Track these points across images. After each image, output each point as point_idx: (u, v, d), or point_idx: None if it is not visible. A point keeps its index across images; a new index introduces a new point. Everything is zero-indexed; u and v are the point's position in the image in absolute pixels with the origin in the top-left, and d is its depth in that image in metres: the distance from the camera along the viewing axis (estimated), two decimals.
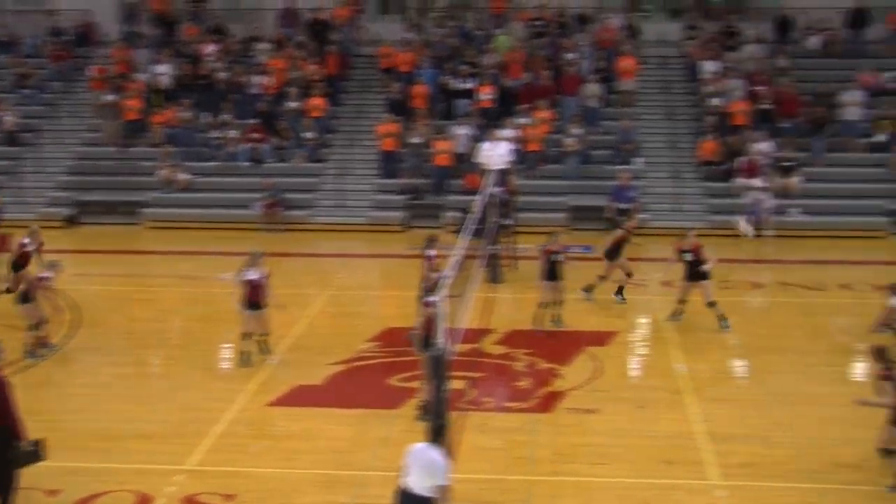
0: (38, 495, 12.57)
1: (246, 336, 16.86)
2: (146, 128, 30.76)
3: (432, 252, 18.48)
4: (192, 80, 31.48)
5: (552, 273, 18.72)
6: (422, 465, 10.23)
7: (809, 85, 30.10)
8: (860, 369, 17.99)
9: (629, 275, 20.77)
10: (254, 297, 16.82)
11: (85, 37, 34.78)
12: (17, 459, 11.54)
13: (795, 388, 16.20)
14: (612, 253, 20.64)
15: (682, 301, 19.35)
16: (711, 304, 18.89)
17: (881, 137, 28.99)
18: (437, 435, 10.38)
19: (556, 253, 18.74)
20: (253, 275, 16.88)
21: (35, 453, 11.73)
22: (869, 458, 13.51)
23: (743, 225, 26.94)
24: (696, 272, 18.99)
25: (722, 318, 18.84)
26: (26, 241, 20.30)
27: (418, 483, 10.19)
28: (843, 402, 15.56)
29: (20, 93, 32.73)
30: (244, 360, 16.81)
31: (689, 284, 19.18)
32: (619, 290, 20.82)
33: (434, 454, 10.29)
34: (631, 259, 21.10)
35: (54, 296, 18.38)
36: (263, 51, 32.31)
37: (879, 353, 13.48)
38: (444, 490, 10.21)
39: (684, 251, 19.09)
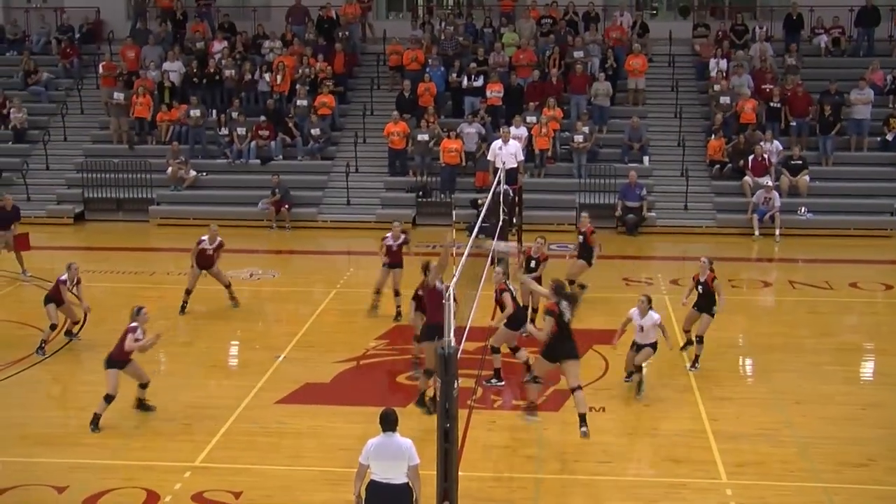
0: (47, 492, 12.64)
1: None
2: (155, 125, 30.82)
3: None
4: (200, 77, 31.48)
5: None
6: (389, 455, 10.38)
7: (818, 83, 30.02)
8: (868, 368, 18.03)
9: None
10: None
11: (93, 34, 34.86)
12: None
13: (803, 387, 16.17)
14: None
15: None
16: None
17: (889, 136, 28.91)
18: (389, 423, 10.51)
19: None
20: None
21: None
22: (876, 458, 13.54)
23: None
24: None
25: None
26: (203, 238, 20.09)
27: (392, 473, 10.36)
28: (851, 402, 15.67)
29: (29, 90, 32.79)
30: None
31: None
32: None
33: (397, 440, 10.45)
34: (638, 258, 20.97)
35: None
36: (272, 48, 32.32)
37: (556, 288, 14.13)
38: (417, 468, 10.41)
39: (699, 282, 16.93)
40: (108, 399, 14.38)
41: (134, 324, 14.71)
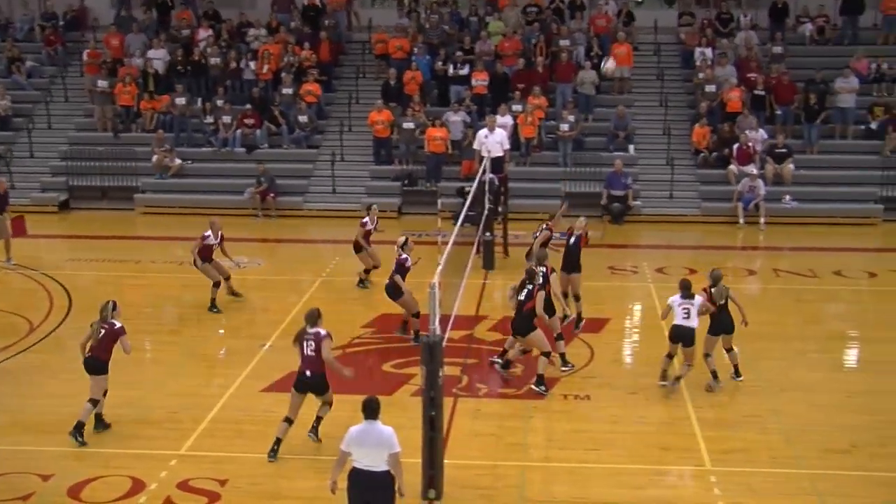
0: (33, 480, 12.62)
1: None
2: (139, 113, 30.69)
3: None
4: (185, 65, 31.36)
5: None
6: (372, 443, 10.43)
7: (803, 72, 30.09)
8: (853, 356, 18.10)
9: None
10: None
11: (78, 21, 34.68)
12: None
13: (788, 375, 16.24)
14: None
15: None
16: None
17: (874, 125, 28.99)
18: (371, 411, 10.54)
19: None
20: None
21: None
22: (860, 444, 13.63)
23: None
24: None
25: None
26: (207, 233, 19.78)
27: (373, 461, 10.41)
28: (835, 389, 15.76)
29: (12, 78, 32.60)
30: None
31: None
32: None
33: (378, 428, 10.49)
34: (623, 246, 20.96)
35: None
36: (257, 36, 32.20)
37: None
38: (398, 456, 10.46)
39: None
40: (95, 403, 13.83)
41: (120, 324, 13.99)
